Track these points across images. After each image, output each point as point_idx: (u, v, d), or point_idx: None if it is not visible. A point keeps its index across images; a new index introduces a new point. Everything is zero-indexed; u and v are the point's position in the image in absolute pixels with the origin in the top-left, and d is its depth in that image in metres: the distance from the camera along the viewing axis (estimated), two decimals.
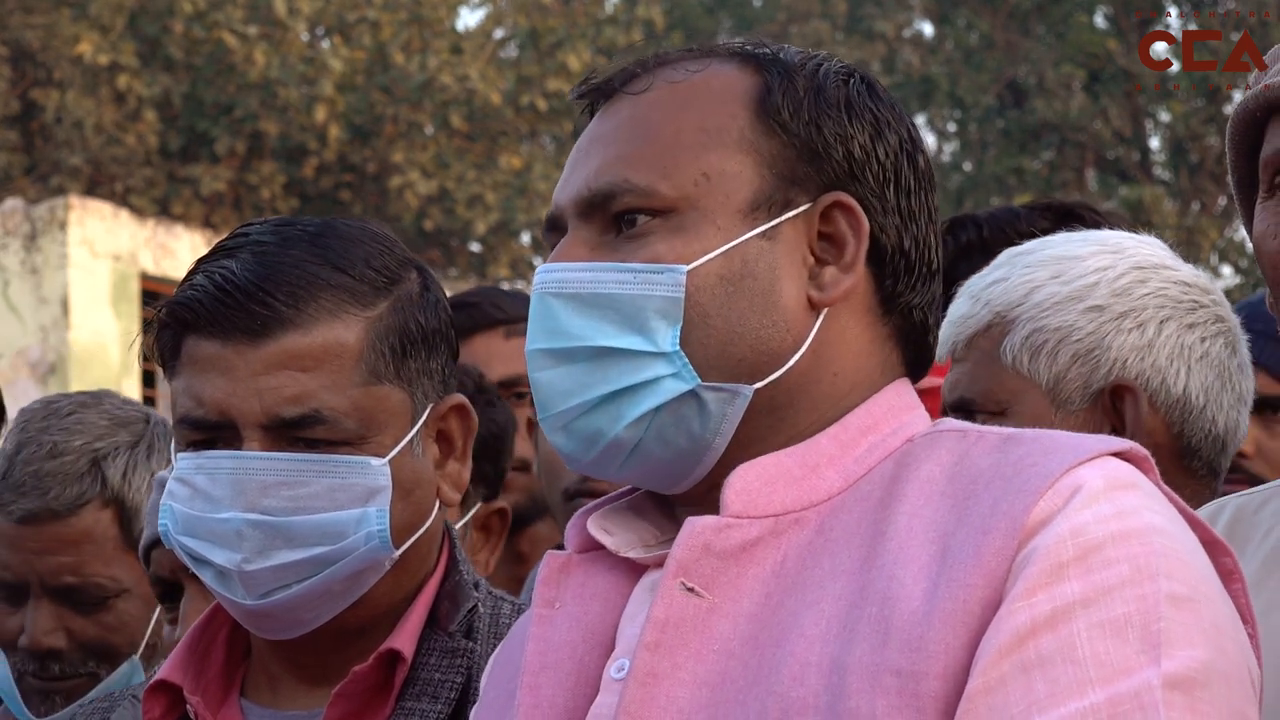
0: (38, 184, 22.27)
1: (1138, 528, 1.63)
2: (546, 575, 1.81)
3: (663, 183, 1.77)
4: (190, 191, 22.77)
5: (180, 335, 2.22)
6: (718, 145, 1.79)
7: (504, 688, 1.86)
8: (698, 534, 1.72)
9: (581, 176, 1.82)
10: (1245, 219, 1.97)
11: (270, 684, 2.29)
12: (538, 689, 1.75)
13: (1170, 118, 27.45)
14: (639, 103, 1.82)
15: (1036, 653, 1.58)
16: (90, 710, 2.47)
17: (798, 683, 1.63)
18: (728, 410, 1.76)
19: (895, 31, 28.55)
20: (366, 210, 23.12)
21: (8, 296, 19.18)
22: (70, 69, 21.98)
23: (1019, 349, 2.51)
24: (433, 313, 2.27)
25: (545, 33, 23.73)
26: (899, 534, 1.68)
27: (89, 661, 2.92)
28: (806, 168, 1.79)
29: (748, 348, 1.76)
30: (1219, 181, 26.60)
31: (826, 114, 1.80)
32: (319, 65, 22.41)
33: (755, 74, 1.82)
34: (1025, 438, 1.73)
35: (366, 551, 2.19)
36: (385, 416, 2.21)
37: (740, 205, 1.77)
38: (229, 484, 2.16)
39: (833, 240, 1.80)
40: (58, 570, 2.92)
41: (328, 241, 2.23)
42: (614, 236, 1.79)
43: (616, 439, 1.76)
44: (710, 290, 1.76)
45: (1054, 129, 26.93)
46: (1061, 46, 26.89)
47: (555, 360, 1.78)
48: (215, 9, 22.21)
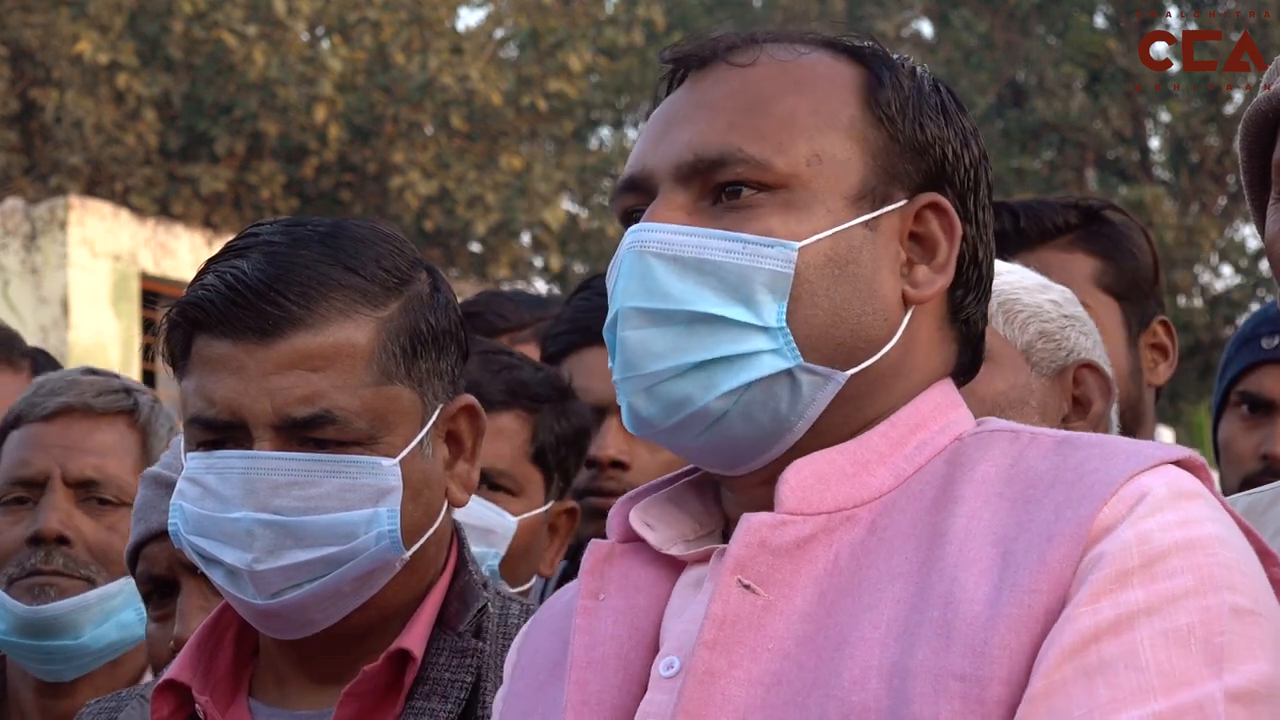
0: (37, 184, 22.27)
1: (1202, 538, 1.64)
2: (591, 565, 1.81)
3: (777, 157, 1.76)
4: (190, 191, 22.77)
5: (191, 335, 2.21)
6: (830, 129, 1.78)
7: (534, 676, 1.86)
8: (754, 530, 1.71)
9: (683, 139, 1.78)
10: (1257, 221, 1.97)
11: (278, 683, 2.30)
12: (586, 685, 1.74)
13: (1170, 118, 27.44)
14: (747, 75, 1.81)
15: (1099, 658, 1.58)
16: (97, 711, 2.48)
17: (858, 687, 1.63)
18: (818, 394, 1.75)
19: (895, 31, 28.55)
20: (366, 210, 23.12)
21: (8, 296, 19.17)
22: (69, 68, 21.97)
23: (998, 313, 2.63)
24: (443, 313, 2.27)
25: (545, 33, 23.73)
26: (958, 537, 1.67)
27: (90, 564, 2.94)
28: (907, 165, 1.80)
29: (849, 332, 1.76)
30: (1219, 181, 26.60)
31: (928, 115, 1.82)
32: (319, 65, 22.40)
33: (859, 65, 1.83)
34: (1082, 441, 1.73)
35: (377, 552, 2.19)
36: (396, 417, 2.21)
37: (848, 191, 1.77)
38: (240, 484, 2.16)
39: (921, 240, 1.81)
40: (83, 464, 2.96)
41: (339, 242, 2.23)
42: (711, 205, 1.77)
43: (705, 408, 1.74)
44: (819, 270, 1.75)
45: (1054, 129, 26.92)
46: (1061, 46, 26.89)
47: (650, 320, 1.75)
48: (215, 9, 22.21)
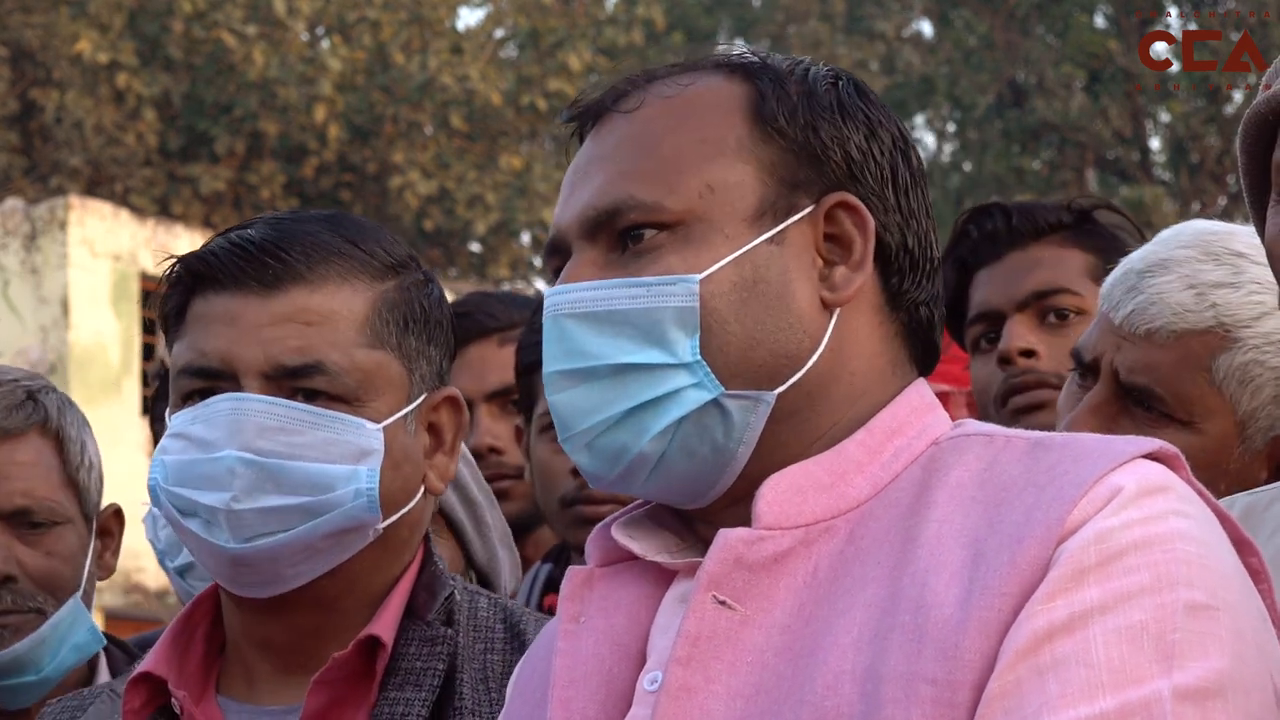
0: (38, 184, 22.29)
1: (1162, 534, 1.63)
2: (570, 591, 1.81)
3: (668, 197, 1.77)
4: (190, 191, 22.80)
5: (190, 293, 2.26)
6: (718, 156, 1.79)
7: (529, 698, 1.86)
8: (730, 546, 1.71)
9: (583, 197, 1.81)
10: (1257, 223, 1.96)
11: (246, 679, 2.31)
12: (569, 702, 1.74)
13: (1170, 118, 27.47)
14: (634, 120, 1.82)
15: (1052, 656, 1.58)
16: (59, 710, 2.46)
17: (831, 692, 1.63)
18: (750, 418, 1.76)
19: (895, 31, 28.58)
20: (367, 210, 23.15)
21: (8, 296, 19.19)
22: (69, 68, 22.00)
23: (1232, 372, 2.45)
24: (436, 305, 2.32)
25: (545, 33, 23.75)
26: (930, 540, 1.68)
27: (38, 595, 2.94)
28: (807, 171, 1.80)
29: (767, 352, 1.76)
30: (1219, 181, 26.62)
31: (821, 117, 1.81)
32: (319, 65, 22.43)
33: (746, 82, 1.83)
34: (1055, 443, 1.72)
35: (354, 509, 2.21)
36: (383, 383, 2.24)
37: (746, 213, 1.78)
38: (226, 424, 2.19)
39: (839, 241, 1.80)
40: (10, 493, 2.95)
41: (341, 221, 2.32)
42: (620, 254, 1.79)
43: (641, 453, 1.76)
44: (725, 298, 1.75)
45: (1054, 129, 26.95)
46: (1061, 46, 26.91)
47: (575, 380, 1.78)
48: (215, 9, 22.24)
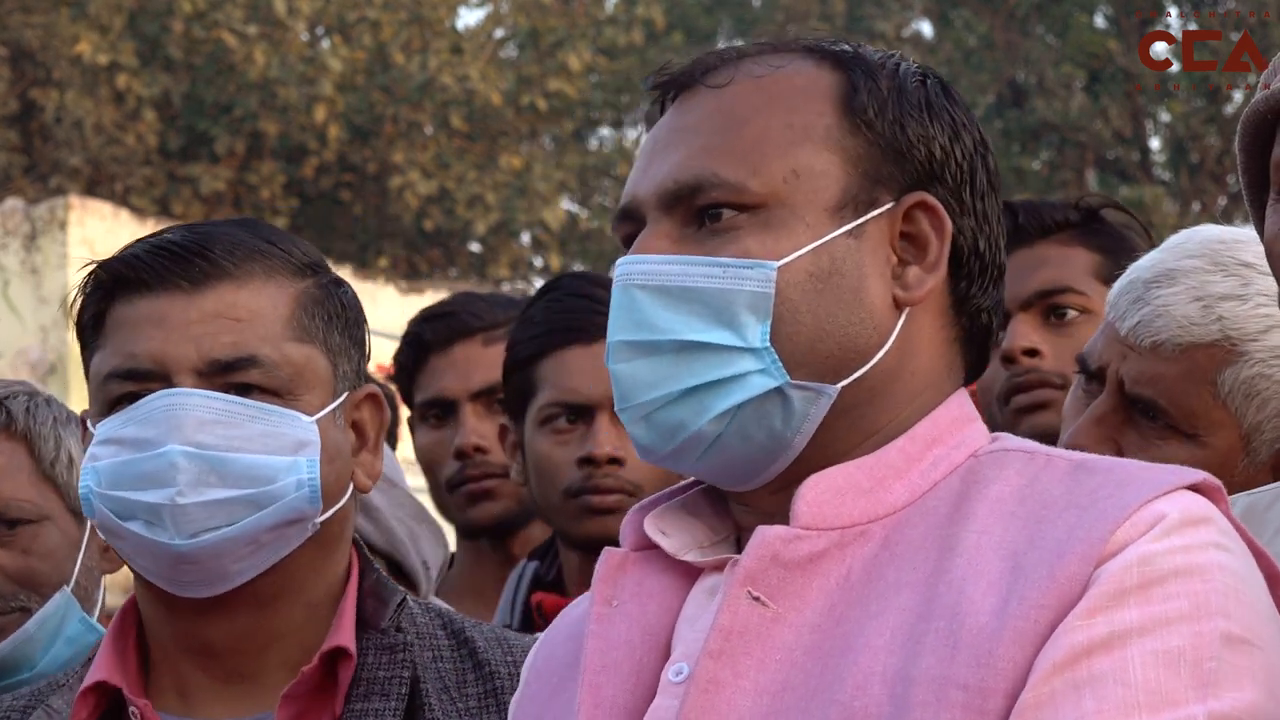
0: (37, 184, 22.27)
1: (1202, 564, 1.64)
2: (604, 573, 1.81)
3: (752, 179, 1.77)
4: (190, 191, 22.77)
5: (109, 299, 2.26)
6: (805, 142, 1.78)
7: (548, 680, 1.87)
8: (767, 544, 1.72)
9: (664, 168, 1.80)
10: (1256, 222, 1.96)
11: (178, 689, 2.29)
12: (599, 688, 1.75)
13: (1170, 118, 27.45)
14: (722, 95, 1.81)
15: (1089, 672, 1.59)
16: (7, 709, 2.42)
17: (861, 692, 1.63)
18: (811, 409, 1.75)
19: (895, 31, 28.56)
20: (367, 210, 23.15)
21: (8, 296, 19.18)
22: (69, 69, 21.98)
23: (1238, 386, 2.45)
24: (352, 305, 2.34)
25: (545, 33, 23.74)
26: (968, 550, 1.68)
27: (19, 594, 2.94)
28: (890, 167, 1.79)
29: (835, 345, 1.76)
30: (1219, 181, 26.61)
31: (909, 114, 1.81)
32: (319, 65, 22.41)
33: (838, 71, 1.82)
34: (1098, 466, 1.73)
35: (296, 500, 2.21)
36: (312, 378, 2.26)
37: (828, 203, 1.77)
38: (164, 421, 2.19)
39: (914, 240, 1.80)
40: None
41: (255, 224, 2.35)
42: (696, 230, 1.78)
43: (698, 432, 1.75)
44: (800, 287, 1.75)
45: (1054, 129, 26.93)
46: (1061, 46, 26.90)
47: (639, 352, 1.77)
48: (215, 9, 22.22)
